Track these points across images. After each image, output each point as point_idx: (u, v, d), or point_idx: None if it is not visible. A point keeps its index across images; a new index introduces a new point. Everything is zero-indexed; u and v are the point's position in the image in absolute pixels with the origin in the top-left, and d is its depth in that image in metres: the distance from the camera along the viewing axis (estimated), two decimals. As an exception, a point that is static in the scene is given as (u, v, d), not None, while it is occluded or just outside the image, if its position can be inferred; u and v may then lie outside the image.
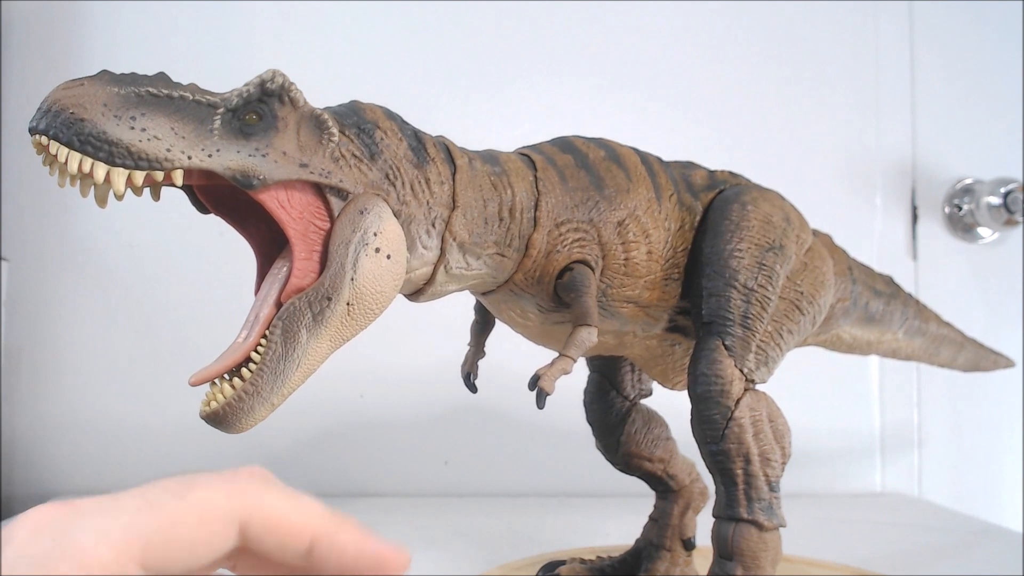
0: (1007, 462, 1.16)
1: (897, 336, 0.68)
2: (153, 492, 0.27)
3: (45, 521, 0.27)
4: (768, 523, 0.48)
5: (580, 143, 0.52)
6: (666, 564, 0.61)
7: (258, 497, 0.28)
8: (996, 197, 1.13)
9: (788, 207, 0.56)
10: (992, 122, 1.20)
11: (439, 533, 0.83)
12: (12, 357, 1.02)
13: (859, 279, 0.63)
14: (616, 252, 0.49)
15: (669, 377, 0.58)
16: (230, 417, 0.37)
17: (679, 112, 1.14)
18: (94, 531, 0.26)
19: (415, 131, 0.45)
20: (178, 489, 0.28)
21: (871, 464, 1.15)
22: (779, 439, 0.50)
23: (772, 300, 0.51)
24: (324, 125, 0.40)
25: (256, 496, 0.28)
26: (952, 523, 0.97)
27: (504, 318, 0.53)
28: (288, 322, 0.38)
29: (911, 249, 1.18)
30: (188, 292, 1.05)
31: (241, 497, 0.28)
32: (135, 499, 0.27)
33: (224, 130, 0.37)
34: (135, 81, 0.36)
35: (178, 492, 0.27)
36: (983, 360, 0.79)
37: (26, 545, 0.26)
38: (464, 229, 0.45)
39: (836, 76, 1.18)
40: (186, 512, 0.27)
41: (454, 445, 1.07)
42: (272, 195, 0.39)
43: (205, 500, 0.27)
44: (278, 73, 0.39)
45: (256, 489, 0.29)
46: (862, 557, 0.74)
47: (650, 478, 0.62)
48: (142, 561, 0.26)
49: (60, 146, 0.34)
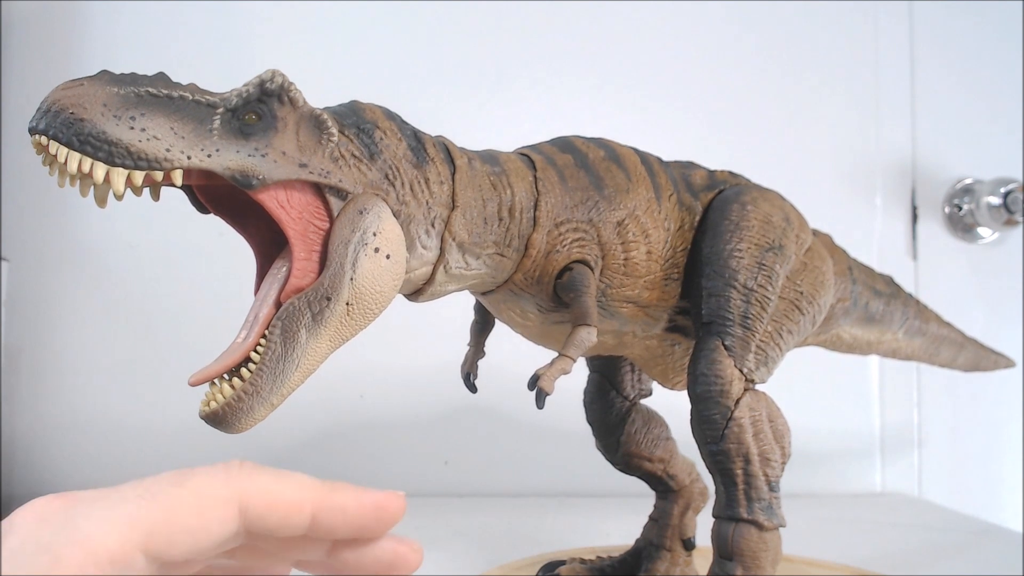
0: (1007, 462, 1.16)
1: (897, 336, 0.68)
2: (152, 482, 0.28)
3: (49, 510, 0.27)
4: (768, 523, 0.48)
5: (580, 143, 0.52)
6: (666, 564, 0.61)
7: (253, 480, 0.29)
8: (996, 197, 1.13)
9: (788, 207, 0.56)
10: (992, 122, 1.20)
11: (439, 533, 0.83)
12: (12, 357, 1.02)
13: (859, 279, 0.63)
14: (616, 252, 0.49)
15: (669, 377, 0.58)
16: (230, 417, 0.37)
17: (679, 112, 1.14)
18: (98, 518, 0.27)
19: (415, 131, 0.45)
20: (177, 479, 0.28)
21: (871, 464, 1.15)
22: (779, 439, 0.50)
23: (772, 300, 0.51)
24: (323, 125, 0.40)
25: (251, 479, 0.29)
26: (952, 523, 0.97)
27: (504, 318, 0.53)
28: (287, 322, 0.38)
29: (911, 249, 1.18)
30: (188, 292, 1.05)
31: (237, 482, 0.29)
32: (136, 489, 0.28)
33: (223, 130, 0.37)
34: (135, 81, 0.36)
35: (177, 481, 0.28)
36: (983, 360, 0.79)
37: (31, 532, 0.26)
38: (463, 229, 0.45)
39: (836, 76, 1.18)
40: (186, 499, 0.28)
41: (454, 445, 1.07)
42: (271, 195, 0.39)
43: (203, 486, 0.28)
44: (277, 73, 0.39)
45: (250, 474, 0.30)
46: (862, 557, 0.74)
47: (650, 478, 0.62)
48: (145, 547, 0.27)
49: (60, 146, 0.34)
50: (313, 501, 0.30)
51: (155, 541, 0.27)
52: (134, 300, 1.05)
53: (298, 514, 0.30)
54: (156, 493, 0.28)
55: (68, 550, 0.26)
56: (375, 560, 0.32)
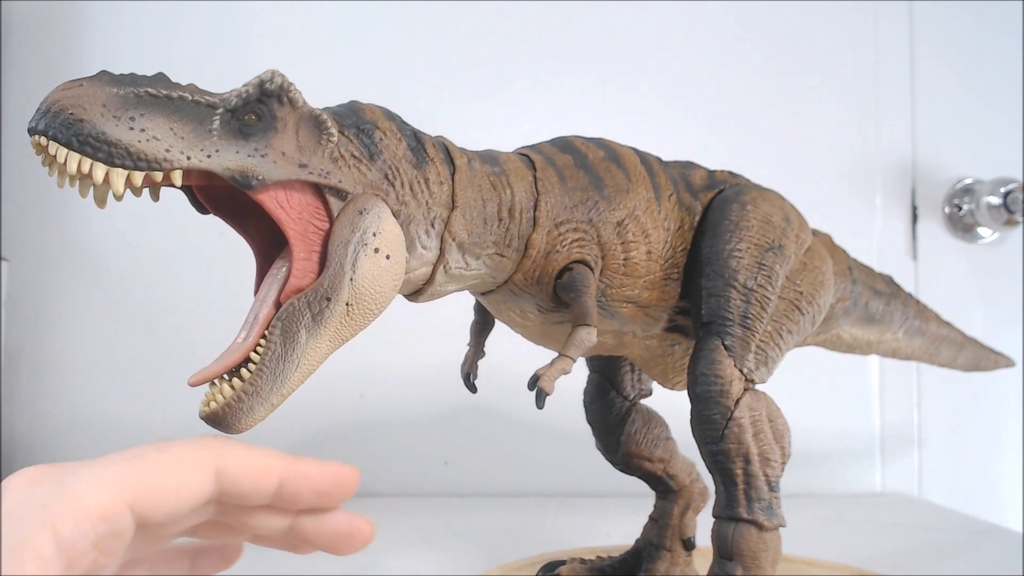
0: (1007, 462, 1.16)
1: (897, 336, 0.68)
2: (136, 449, 0.31)
3: (40, 474, 0.30)
4: (768, 523, 0.48)
5: (579, 143, 0.52)
6: (666, 564, 0.61)
7: (228, 448, 0.33)
8: (996, 197, 1.13)
9: (788, 207, 0.56)
10: (992, 122, 1.20)
11: (439, 533, 0.83)
12: (12, 357, 1.02)
13: (859, 279, 0.63)
14: (615, 252, 0.49)
15: (669, 377, 0.58)
16: (229, 417, 0.37)
17: (679, 112, 1.14)
18: (88, 478, 0.29)
19: (414, 131, 0.45)
20: (159, 446, 0.32)
21: (871, 464, 1.15)
22: (779, 439, 0.50)
23: (772, 300, 0.51)
24: (323, 125, 0.40)
25: (226, 447, 0.33)
26: (952, 523, 0.97)
27: (504, 318, 0.53)
28: (287, 322, 0.38)
29: (911, 249, 1.18)
30: (188, 292, 1.05)
31: (214, 449, 0.32)
32: (121, 455, 0.31)
33: (223, 130, 0.37)
34: (134, 82, 0.36)
35: (159, 448, 0.31)
36: (983, 360, 0.79)
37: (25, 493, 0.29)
38: (463, 229, 0.45)
39: (836, 76, 1.18)
40: (168, 462, 0.31)
41: (454, 445, 1.08)
42: (271, 195, 0.39)
43: (184, 452, 0.31)
44: (277, 73, 0.38)
45: (225, 443, 0.33)
46: (862, 557, 0.74)
47: (650, 478, 0.62)
48: (132, 504, 0.29)
49: (59, 146, 0.34)
50: (281, 468, 0.33)
51: (141, 499, 0.29)
52: (134, 300, 1.05)
53: (267, 478, 0.32)
54: (141, 456, 0.31)
55: (61, 506, 0.28)
56: (333, 530, 0.35)
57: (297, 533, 0.35)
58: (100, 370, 1.04)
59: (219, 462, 0.32)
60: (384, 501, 1.01)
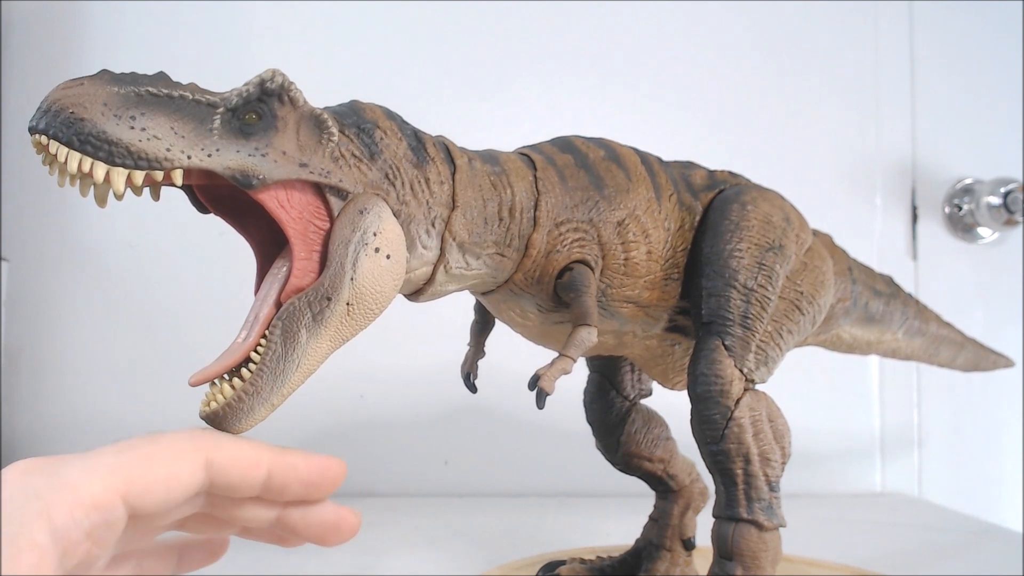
0: (1007, 462, 1.16)
1: (897, 336, 0.68)
2: (128, 441, 0.32)
3: (34, 466, 0.30)
4: (768, 523, 0.48)
5: (580, 143, 0.52)
6: (666, 564, 0.61)
7: (218, 440, 0.33)
8: (996, 197, 1.13)
9: (788, 207, 0.56)
10: (992, 122, 1.20)
11: (439, 533, 0.83)
12: (12, 357, 1.02)
13: (859, 279, 0.63)
14: (616, 252, 0.49)
15: (669, 377, 0.58)
16: (230, 417, 0.37)
17: (679, 112, 1.14)
18: (81, 468, 0.30)
19: (415, 131, 0.45)
20: (150, 438, 0.32)
21: (871, 464, 1.15)
22: (779, 439, 0.50)
23: (772, 300, 0.51)
24: (324, 125, 0.40)
25: (216, 439, 0.33)
26: (952, 523, 0.97)
27: (504, 318, 0.53)
28: (288, 322, 0.38)
29: (911, 249, 1.18)
30: (188, 292, 1.05)
31: (204, 441, 0.33)
32: (114, 447, 0.31)
33: (224, 130, 0.37)
34: (135, 81, 0.36)
35: (150, 440, 0.32)
36: (983, 360, 0.79)
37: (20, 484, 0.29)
38: (464, 229, 0.45)
39: (836, 76, 1.18)
40: (160, 453, 0.31)
41: (454, 445, 1.07)
42: (272, 195, 0.39)
43: (175, 443, 0.32)
44: (278, 72, 0.38)
45: (214, 435, 0.34)
46: (862, 557, 0.74)
47: (650, 478, 0.62)
48: (125, 494, 0.30)
49: (60, 145, 0.34)
50: (269, 460, 0.34)
51: (133, 489, 0.30)
52: (134, 300, 1.05)
53: (256, 469, 0.33)
54: (132, 448, 0.31)
55: (56, 496, 0.28)
56: (320, 522, 0.35)
57: (285, 525, 0.35)
58: (100, 370, 1.04)
59: (209, 453, 0.32)
60: (384, 501, 1.01)
